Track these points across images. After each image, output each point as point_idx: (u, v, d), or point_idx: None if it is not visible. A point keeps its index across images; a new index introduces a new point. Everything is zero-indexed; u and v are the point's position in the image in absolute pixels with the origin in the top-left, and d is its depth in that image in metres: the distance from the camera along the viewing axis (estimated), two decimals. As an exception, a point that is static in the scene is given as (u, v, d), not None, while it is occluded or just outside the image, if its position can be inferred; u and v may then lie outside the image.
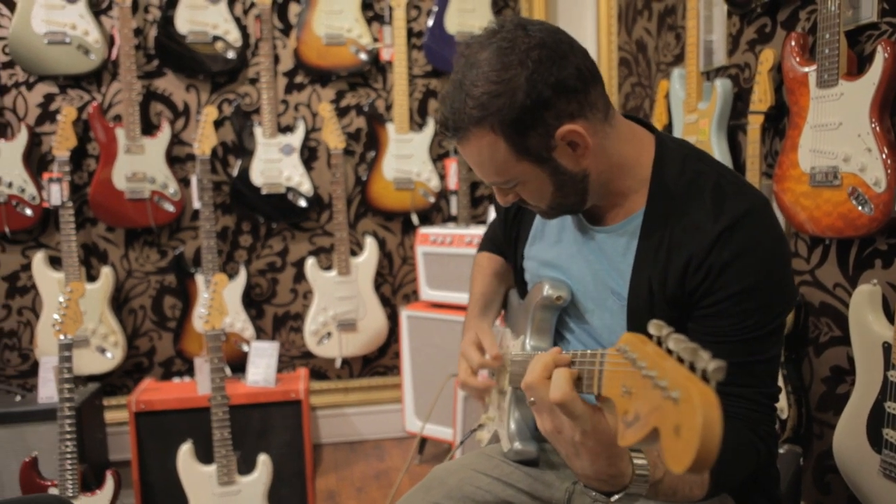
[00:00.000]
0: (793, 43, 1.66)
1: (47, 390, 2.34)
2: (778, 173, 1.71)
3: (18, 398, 2.40)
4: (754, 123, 1.82)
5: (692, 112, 2.08)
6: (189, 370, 2.92)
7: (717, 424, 0.57)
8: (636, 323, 1.04)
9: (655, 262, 1.02)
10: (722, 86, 1.97)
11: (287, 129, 2.94)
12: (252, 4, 2.88)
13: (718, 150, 1.98)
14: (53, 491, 2.08)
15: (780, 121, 1.84)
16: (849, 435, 1.47)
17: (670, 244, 1.01)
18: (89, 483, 2.14)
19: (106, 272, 2.78)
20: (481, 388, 1.26)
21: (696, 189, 1.02)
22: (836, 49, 1.50)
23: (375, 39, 2.97)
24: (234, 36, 2.82)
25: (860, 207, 1.49)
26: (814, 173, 1.59)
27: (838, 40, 1.50)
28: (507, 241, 1.32)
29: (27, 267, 2.78)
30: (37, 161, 2.76)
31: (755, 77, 1.82)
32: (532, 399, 0.90)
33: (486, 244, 1.48)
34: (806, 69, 1.61)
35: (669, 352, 0.66)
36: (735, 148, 2.02)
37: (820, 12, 1.52)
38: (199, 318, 2.63)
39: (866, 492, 1.43)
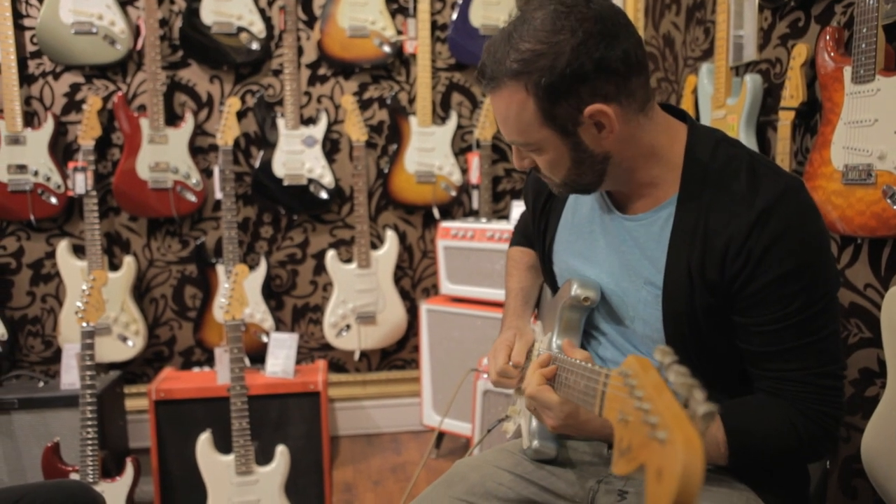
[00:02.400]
0: (828, 37, 1.62)
1: (70, 377, 2.36)
2: (808, 171, 1.67)
3: (41, 384, 2.42)
4: (785, 120, 1.78)
5: (720, 107, 2.04)
6: (209, 360, 2.94)
7: (698, 473, 0.55)
8: (672, 311, 1.03)
9: (692, 248, 1.01)
10: (752, 81, 1.94)
11: (310, 120, 2.94)
12: (276, -4, 2.88)
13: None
14: (74, 476, 2.10)
15: (811, 117, 1.80)
16: (878, 438, 1.44)
17: (706, 228, 1.00)
18: (109, 469, 2.16)
19: (128, 261, 2.80)
20: (512, 387, 1.26)
21: (730, 172, 1.01)
22: (874, 44, 1.46)
23: (399, 32, 2.95)
24: (258, 27, 2.82)
25: (895, 206, 1.46)
26: (847, 171, 1.56)
27: (876, 35, 1.46)
28: (535, 233, 1.30)
29: (51, 255, 2.80)
30: (62, 150, 2.78)
31: (787, 72, 1.79)
32: (533, 406, 1.06)
33: (518, 238, 1.46)
34: (841, 64, 1.58)
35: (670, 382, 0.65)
36: (764, 144, 1.99)
37: (857, 6, 1.49)
38: (220, 309, 2.63)
39: (895, 497, 1.40)
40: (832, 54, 1.61)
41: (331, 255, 2.92)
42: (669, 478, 0.56)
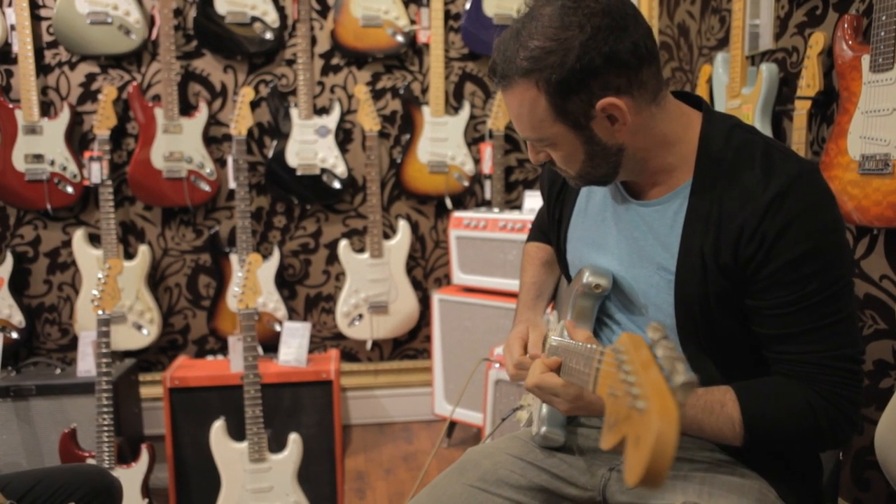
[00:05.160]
0: (846, 25, 1.60)
1: (86, 364, 2.39)
2: (825, 160, 1.66)
3: (58, 371, 2.46)
4: (801, 109, 1.77)
5: (735, 97, 2.03)
6: (222, 348, 2.96)
7: (672, 442, 0.56)
8: (684, 295, 1.03)
9: (706, 233, 1.01)
10: (768, 70, 1.92)
11: (323, 110, 2.94)
12: (290, -15, 2.88)
13: (762, 137, 1.93)
14: (91, 462, 2.13)
15: (827, 107, 1.78)
16: (892, 430, 1.43)
17: (721, 213, 1.00)
18: (125, 456, 2.19)
19: (143, 250, 2.82)
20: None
21: (745, 157, 1.01)
22: (893, 32, 1.44)
23: (412, 21, 2.95)
24: (271, 17, 2.83)
25: (912, 197, 1.44)
26: (863, 161, 1.54)
27: (895, 23, 1.44)
28: (550, 222, 1.30)
29: (68, 243, 2.83)
30: (78, 140, 2.81)
31: (804, 61, 1.77)
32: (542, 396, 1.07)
33: (535, 233, 1.47)
34: (859, 53, 1.56)
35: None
36: (779, 134, 1.97)
37: (876, -7, 1.47)
38: (233, 298, 2.66)
39: (909, 489, 1.39)
40: (850, 43, 1.59)
41: (343, 244, 2.93)
42: (644, 444, 0.58)
